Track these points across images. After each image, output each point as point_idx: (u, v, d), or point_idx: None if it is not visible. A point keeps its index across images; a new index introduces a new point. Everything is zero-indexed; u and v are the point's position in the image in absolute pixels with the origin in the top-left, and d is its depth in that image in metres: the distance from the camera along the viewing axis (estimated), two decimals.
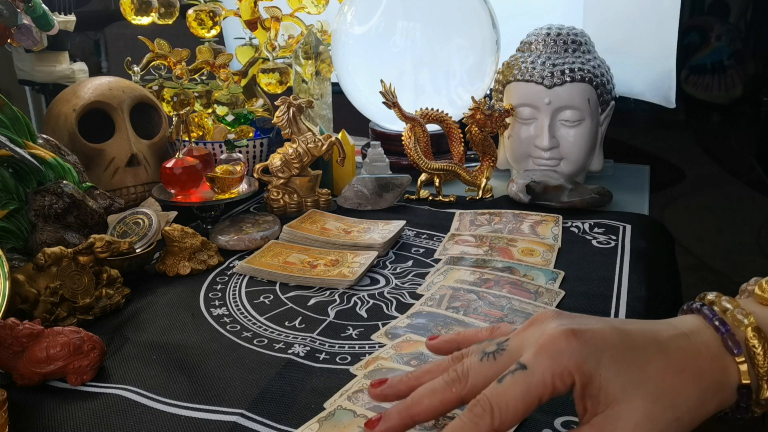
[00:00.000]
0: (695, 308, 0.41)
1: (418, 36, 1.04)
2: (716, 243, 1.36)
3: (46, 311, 0.62)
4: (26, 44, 0.89)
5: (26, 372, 0.54)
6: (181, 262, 0.76)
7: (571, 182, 0.95)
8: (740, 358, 0.38)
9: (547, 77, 0.96)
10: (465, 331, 0.46)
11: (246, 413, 0.50)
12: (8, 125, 0.74)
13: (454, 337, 0.46)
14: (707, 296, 0.42)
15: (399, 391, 0.43)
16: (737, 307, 0.39)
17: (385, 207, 0.96)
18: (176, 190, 0.88)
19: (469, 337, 0.45)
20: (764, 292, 0.40)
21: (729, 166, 1.32)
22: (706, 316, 0.40)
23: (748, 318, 0.38)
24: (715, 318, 0.39)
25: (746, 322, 0.38)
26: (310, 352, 0.59)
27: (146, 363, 0.58)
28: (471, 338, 0.45)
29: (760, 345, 0.37)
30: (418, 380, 0.42)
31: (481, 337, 0.44)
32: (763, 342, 0.37)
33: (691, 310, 0.42)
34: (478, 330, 0.45)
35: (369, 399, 0.48)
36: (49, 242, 0.71)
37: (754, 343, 0.37)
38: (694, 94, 1.29)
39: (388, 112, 0.99)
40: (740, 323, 0.38)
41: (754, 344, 0.37)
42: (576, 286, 0.71)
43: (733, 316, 0.39)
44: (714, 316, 0.39)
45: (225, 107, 1.09)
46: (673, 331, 0.39)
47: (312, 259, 0.77)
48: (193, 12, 1.14)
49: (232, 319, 0.66)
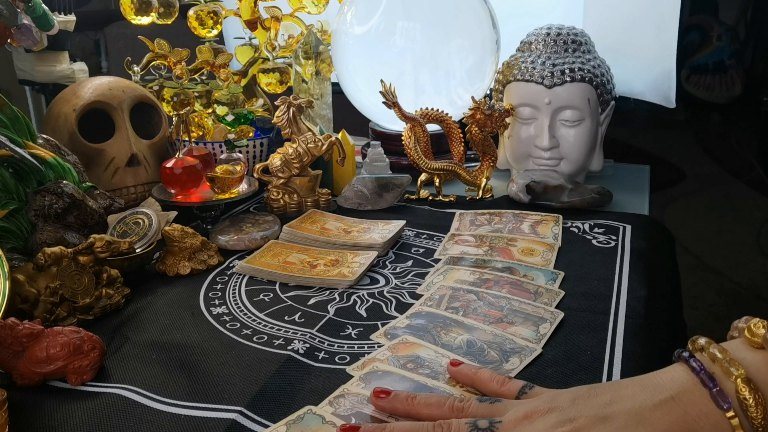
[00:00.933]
0: (683, 357, 0.41)
1: (418, 36, 1.04)
2: (716, 243, 1.36)
3: (46, 311, 0.62)
4: (26, 44, 0.89)
5: (26, 372, 0.54)
6: (181, 262, 0.76)
7: (571, 182, 0.95)
8: (730, 413, 0.37)
9: (547, 77, 0.96)
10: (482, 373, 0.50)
11: (245, 411, 0.50)
12: (8, 125, 0.74)
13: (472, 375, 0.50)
14: (698, 341, 0.42)
15: (395, 409, 0.47)
16: (726, 357, 0.39)
17: (385, 207, 0.96)
18: (176, 190, 0.88)
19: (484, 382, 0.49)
20: (754, 335, 0.40)
21: (729, 166, 1.32)
22: (693, 369, 0.40)
23: (737, 369, 0.38)
24: (703, 372, 0.39)
25: (735, 373, 0.38)
26: (310, 349, 0.59)
27: (146, 363, 0.58)
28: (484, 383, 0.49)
29: (751, 396, 0.37)
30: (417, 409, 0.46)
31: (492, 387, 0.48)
32: (754, 393, 0.37)
33: (681, 359, 0.42)
34: (492, 377, 0.49)
35: (346, 406, 0.49)
36: (49, 242, 0.71)
37: (745, 395, 0.37)
38: (694, 94, 1.29)
39: (388, 112, 0.99)
40: (730, 374, 0.38)
41: (744, 396, 0.37)
42: (576, 286, 0.71)
43: (723, 367, 0.39)
44: (702, 370, 0.39)
45: (225, 107, 1.09)
46: (660, 396, 0.39)
47: (312, 259, 0.77)
48: (194, 12, 1.14)
49: (232, 318, 0.66)
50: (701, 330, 1.29)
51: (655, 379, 0.41)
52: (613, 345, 0.59)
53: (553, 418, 0.40)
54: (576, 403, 0.41)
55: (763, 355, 0.39)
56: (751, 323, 0.41)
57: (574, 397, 0.42)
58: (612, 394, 0.41)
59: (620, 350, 0.58)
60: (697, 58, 1.27)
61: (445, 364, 0.55)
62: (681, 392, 0.39)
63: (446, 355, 0.56)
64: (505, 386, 0.47)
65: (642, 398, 0.40)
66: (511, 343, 0.59)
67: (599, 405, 0.40)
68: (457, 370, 0.51)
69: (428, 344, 0.58)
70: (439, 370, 0.54)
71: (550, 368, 0.55)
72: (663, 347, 0.62)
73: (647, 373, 0.43)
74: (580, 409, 0.40)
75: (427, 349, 0.57)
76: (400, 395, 0.47)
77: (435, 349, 0.57)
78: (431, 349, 0.57)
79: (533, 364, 0.56)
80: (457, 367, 0.52)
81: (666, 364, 0.44)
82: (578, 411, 0.40)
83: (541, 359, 0.57)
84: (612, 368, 0.55)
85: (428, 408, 0.46)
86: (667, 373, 0.41)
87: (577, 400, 0.41)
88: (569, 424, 0.39)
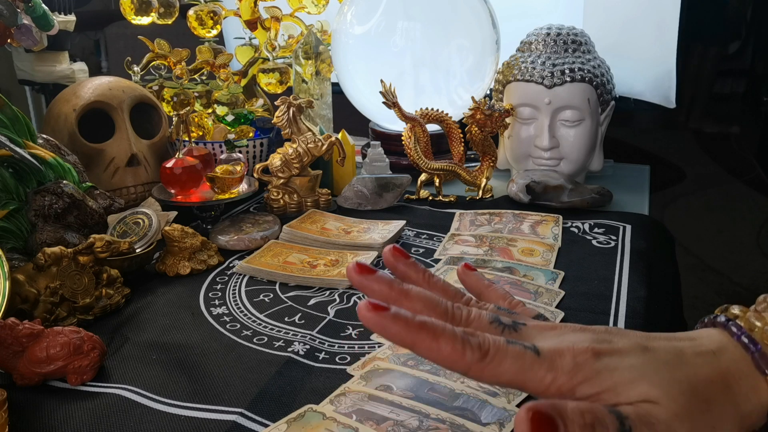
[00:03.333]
0: (720, 322, 0.39)
1: (418, 36, 1.04)
2: (716, 243, 1.36)
3: (46, 311, 0.62)
4: (26, 44, 0.89)
5: (26, 372, 0.54)
6: (181, 262, 0.76)
7: (571, 182, 0.95)
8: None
9: (547, 77, 0.96)
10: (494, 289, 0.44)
11: (245, 412, 0.50)
12: (8, 125, 0.74)
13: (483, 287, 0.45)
14: (731, 309, 0.39)
15: (406, 274, 0.42)
16: (766, 325, 0.37)
17: (385, 207, 0.96)
18: (176, 190, 0.88)
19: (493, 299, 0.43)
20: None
21: (729, 166, 1.32)
22: (732, 332, 0.38)
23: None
24: (744, 335, 0.37)
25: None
26: (310, 350, 0.59)
27: (146, 363, 0.58)
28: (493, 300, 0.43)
29: None
30: (430, 289, 0.39)
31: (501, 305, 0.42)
32: None
33: (714, 324, 0.39)
34: (505, 296, 0.43)
35: (347, 404, 0.49)
36: (49, 242, 0.71)
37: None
38: (694, 94, 1.29)
39: (388, 112, 0.99)
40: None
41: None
42: (576, 286, 0.71)
43: (763, 333, 0.37)
44: (742, 333, 0.37)
45: (225, 107, 1.09)
46: (700, 348, 0.37)
47: (312, 259, 0.77)
48: (194, 12, 1.14)
49: (232, 318, 0.66)
50: None
51: (690, 334, 0.39)
52: None
53: (586, 335, 0.36)
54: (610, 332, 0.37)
55: None
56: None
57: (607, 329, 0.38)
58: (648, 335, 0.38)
59: None
60: (697, 58, 1.27)
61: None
62: (721, 349, 0.37)
63: None
64: (518, 309, 0.42)
65: (683, 345, 0.37)
66: None
67: (638, 337, 0.37)
68: (468, 276, 0.46)
69: None
70: (440, 367, 0.54)
71: None
72: None
73: None
74: (616, 336, 0.37)
75: None
76: (418, 266, 0.42)
77: None
78: None
79: None
80: (469, 272, 0.46)
81: None
82: (615, 337, 0.37)
83: None
84: None
85: (444, 293, 0.40)
86: (703, 333, 0.39)
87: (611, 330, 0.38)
88: (607, 344, 0.35)
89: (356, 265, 0.38)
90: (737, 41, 1.25)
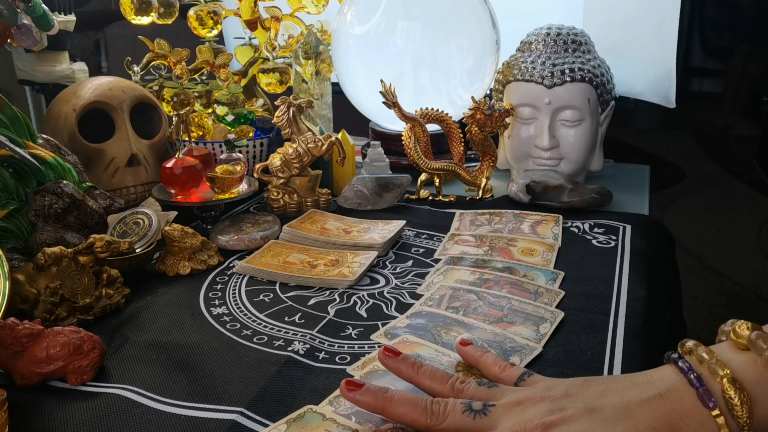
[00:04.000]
0: (673, 359, 0.42)
1: (418, 36, 1.04)
2: (716, 243, 1.36)
3: (46, 311, 0.62)
4: (26, 44, 0.89)
5: (26, 372, 0.54)
6: (181, 262, 0.76)
7: (571, 182, 0.95)
8: (715, 412, 0.39)
9: (547, 77, 0.96)
10: (486, 357, 0.52)
11: (245, 412, 0.50)
12: (8, 125, 0.74)
13: (477, 357, 0.52)
14: (686, 344, 0.43)
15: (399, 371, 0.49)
16: (713, 358, 0.40)
17: (385, 207, 0.96)
18: (176, 190, 0.88)
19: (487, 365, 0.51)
20: (739, 337, 0.41)
21: (729, 166, 1.32)
22: (681, 369, 0.41)
23: (723, 369, 0.39)
24: (691, 372, 0.40)
25: (721, 373, 0.39)
26: (310, 350, 0.59)
27: (146, 363, 0.58)
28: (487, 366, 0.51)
29: (737, 395, 0.38)
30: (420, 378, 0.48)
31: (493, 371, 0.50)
32: (740, 392, 0.38)
33: (670, 360, 0.43)
34: (495, 362, 0.51)
35: (346, 405, 0.49)
36: (49, 242, 0.71)
37: (731, 394, 0.38)
38: (694, 94, 1.29)
39: (388, 112, 0.99)
40: (716, 374, 0.39)
41: (730, 395, 0.38)
42: (576, 286, 0.71)
43: (709, 367, 0.40)
44: (689, 370, 0.40)
45: (225, 107, 1.09)
46: (648, 393, 0.41)
47: (312, 259, 0.77)
48: (194, 12, 1.14)
49: (232, 318, 0.66)
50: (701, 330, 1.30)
51: (645, 377, 0.43)
52: (613, 345, 0.59)
53: (544, 406, 0.42)
54: (568, 394, 0.42)
55: (748, 356, 0.40)
56: (736, 325, 0.42)
57: (567, 388, 0.43)
58: (603, 387, 0.42)
59: (620, 350, 0.58)
60: (697, 58, 1.27)
61: (445, 362, 0.55)
62: (669, 390, 0.40)
63: (446, 353, 0.56)
64: (506, 372, 0.49)
65: (631, 393, 0.41)
66: (512, 342, 0.59)
67: (590, 397, 0.42)
68: (465, 350, 0.54)
69: (428, 343, 0.58)
70: None
71: (551, 368, 0.55)
72: (663, 347, 0.62)
73: None
74: (571, 400, 0.42)
75: (427, 348, 0.57)
76: (407, 360, 0.49)
77: (435, 348, 0.57)
78: (431, 348, 0.57)
79: (534, 363, 0.56)
80: (465, 347, 0.54)
81: None
82: (569, 402, 0.42)
83: (541, 359, 0.57)
84: (612, 368, 0.55)
85: (431, 380, 0.47)
86: (658, 372, 0.43)
87: (570, 391, 0.43)
88: (558, 413, 0.40)
89: (346, 382, 0.46)
90: (737, 41, 1.25)
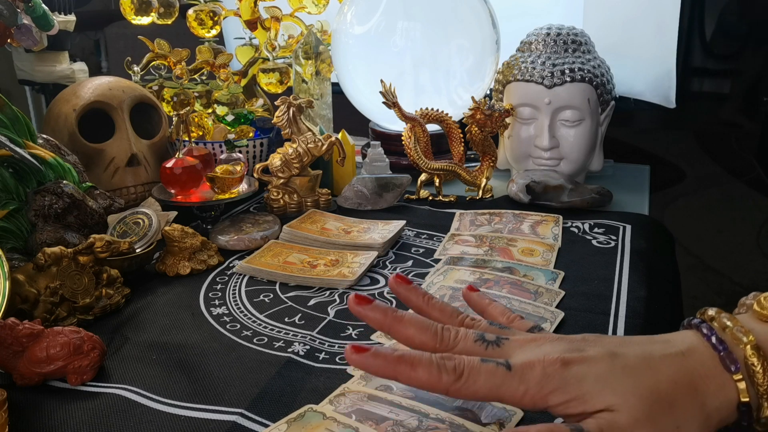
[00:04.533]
0: (694, 324, 0.41)
1: (418, 36, 1.04)
2: (716, 243, 1.36)
3: (46, 311, 0.62)
4: (26, 44, 0.89)
5: (26, 372, 0.54)
6: (181, 262, 0.76)
7: (571, 182, 0.95)
8: (737, 376, 0.38)
9: (547, 77, 0.96)
10: (494, 307, 0.49)
11: (245, 413, 0.50)
12: (8, 125, 0.74)
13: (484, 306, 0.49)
14: (707, 312, 0.42)
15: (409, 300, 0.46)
16: (736, 325, 0.39)
17: (385, 207, 0.96)
18: (176, 190, 0.88)
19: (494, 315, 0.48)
20: (763, 308, 0.40)
21: (729, 166, 1.32)
22: (703, 333, 0.40)
23: (747, 336, 0.38)
24: (713, 335, 0.40)
25: (745, 340, 0.38)
26: (310, 351, 0.59)
27: (146, 363, 0.58)
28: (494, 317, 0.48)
29: (759, 363, 0.37)
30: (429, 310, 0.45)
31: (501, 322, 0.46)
32: (762, 360, 0.38)
33: (691, 326, 0.42)
34: (503, 312, 0.48)
35: (346, 404, 0.49)
36: (49, 242, 0.71)
37: (753, 361, 0.38)
38: (694, 94, 1.29)
39: (388, 112, 0.99)
40: (739, 341, 0.39)
41: (753, 362, 0.38)
42: (576, 286, 0.71)
43: (732, 334, 0.39)
44: (712, 334, 0.40)
45: (225, 107, 1.09)
46: (669, 350, 0.39)
47: (312, 259, 0.77)
48: (194, 12, 1.14)
49: (232, 318, 0.66)
50: None
51: (664, 337, 0.42)
52: None
53: (562, 344, 0.40)
54: (586, 340, 0.41)
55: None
56: (761, 297, 0.41)
57: (584, 336, 0.42)
58: (622, 339, 0.41)
59: None
60: (697, 58, 1.27)
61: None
62: (691, 350, 0.39)
63: None
64: (515, 323, 0.47)
65: (652, 348, 0.40)
66: None
67: (610, 344, 0.40)
68: (471, 296, 0.51)
69: None
70: None
71: None
72: None
73: None
74: (590, 344, 0.40)
75: None
76: (418, 290, 0.47)
77: None
78: None
79: None
80: (471, 293, 0.51)
81: None
82: (588, 345, 0.40)
83: None
84: None
85: (441, 313, 0.45)
86: (678, 335, 0.42)
87: (588, 338, 0.41)
88: (578, 353, 0.39)
89: (355, 296, 0.43)
90: (737, 41, 1.25)
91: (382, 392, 0.51)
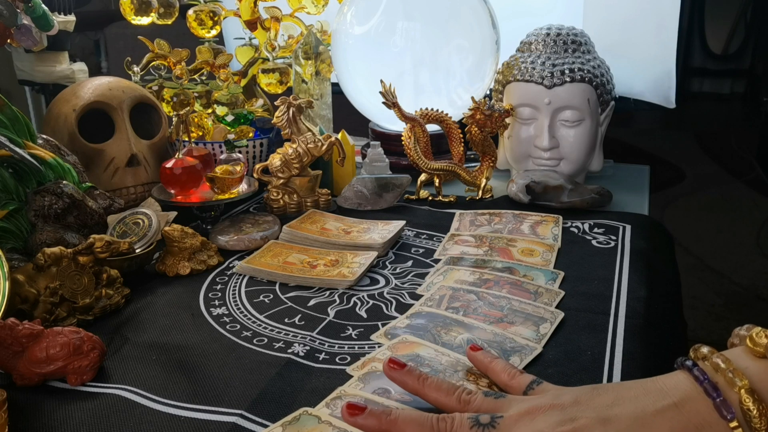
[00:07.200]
0: (687, 366, 0.41)
1: (418, 36, 1.04)
2: (716, 243, 1.36)
3: (46, 311, 0.62)
4: (26, 44, 0.89)
5: (26, 372, 0.54)
6: (181, 262, 0.76)
7: (571, 182, 0.95)
8: (733, 424, 0.38)
9: (547, 77, 0.96)
10: (496, 363, 0.51)
11: (245, 414, 0.50)
12: (8, 125, 0.74)
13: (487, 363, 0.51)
14: (701, 349, 0.42)
15: (405, 384, 0.48)
16: (729, 367, 0.39)
17: (385, 207, 0.96)
18: (176, 190, 0.88)
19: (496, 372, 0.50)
20: (756, 345, 0.40)
21: (729, 166, 1.32)
22: (697, 378, 0.40)
23: (741, 380, 0.38)
24: (707, 381, 0.39)
25: (739, 384, 0.38)
26: (310, 351, 0.59)
27: (146, 363, 0.58)
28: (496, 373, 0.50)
29: (755, 407, 0.37)
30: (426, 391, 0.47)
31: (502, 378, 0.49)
32: (758, 404, 0.37)
33: (683, 367, 0.42)
34: (504, 369, 0.50)
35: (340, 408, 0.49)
36: (49, 242, 0.71)
37: (749, 406, 0.37)
38: (694, 94, 1.29)
39: (388, 112, 0.99)
40: (733, 384, 0.38)
41: (748, 407, 0.37)
42: (576, 286, 0.70)
43: (726, 377, 0.39)
44: (705, 378, 0.39)
45: (225, 107, 1.09)
46: (663, 402, 0.39)
47: (312, 260, 0.77)
48: (193, 12, 1.14)
49: (232, 319, 0.66)
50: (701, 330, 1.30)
51: (658, 384, 0.41)
52: (613, 345, 0.59)
53: (554, 416, 0.40)
54: (579, 402, 0.41)
55: (765, 364, 0.39)
56: (753, 332, 0.40)
57: (576, 397, 0.42)
58: (615, 396, 0.41)
59: (620, 350, 0.58)
60: (697, 58, 1.27)
61: (445, 362, 0.55)
62: (684, 400, 0.39)
63: (446, 353, 0.56)
64: (515, 379, 0.48)
65: (644, 402, 0.40)
66: (512, 342, 0.59)
67: (602, 406, 0.40)
68: (474, 355, 0.53)
69: (428, 343, 0.58)
70: (439, 369, 0.54)
71: (551, 368, 0.55)
72: (663, 347, 0.62)
73: (647, 374, 0.43)
74: (582, 409, 0.40)
75: (427, 348, 0.57)
76: (413, 372, 0.48)
77: (435, 348, 0.57)
78: (431, 348, 0.57)
79: (534, 363, 0.56)
80: (475, 352, 0.53)
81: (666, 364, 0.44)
82: (580, 411, 0.40)
83: (541, 359, 0.57)
84: (612, 368, 0.55)
85: (437, 392, 0.47)
86: (670, 379, 0.41)
87: (580, 399, 0.41)
88: (570, 424, 0.39)
89: (347, 406, 0.45)
90: (737, 41, 1.25)
91: (380, 396, 0.51)
